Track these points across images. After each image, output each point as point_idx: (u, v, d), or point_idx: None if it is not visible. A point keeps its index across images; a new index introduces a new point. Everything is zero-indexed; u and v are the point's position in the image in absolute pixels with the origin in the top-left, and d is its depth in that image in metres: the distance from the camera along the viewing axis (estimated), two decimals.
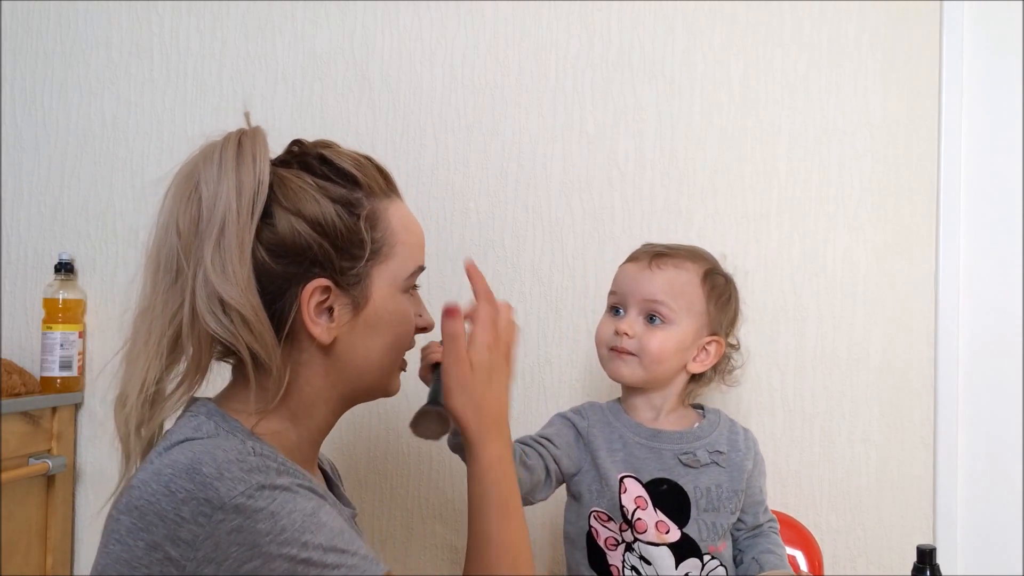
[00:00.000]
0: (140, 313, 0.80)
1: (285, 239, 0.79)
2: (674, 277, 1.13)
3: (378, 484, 1.51)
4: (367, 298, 0.84)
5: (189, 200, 0.78)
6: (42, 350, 1.52)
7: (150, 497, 0.70)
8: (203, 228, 0.76)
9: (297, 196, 0.80)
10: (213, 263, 0.75)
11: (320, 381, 0.84)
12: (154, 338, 0.78)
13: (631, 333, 1.11)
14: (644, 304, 1.12)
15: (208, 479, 0.69)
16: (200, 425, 0.78)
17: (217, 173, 0.78)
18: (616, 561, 1.09)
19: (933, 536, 1.40)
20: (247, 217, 0.76)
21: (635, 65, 1.49)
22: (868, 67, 1.46)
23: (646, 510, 1.08)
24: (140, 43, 1.60)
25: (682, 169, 1.48)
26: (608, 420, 1.16)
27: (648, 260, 1.14)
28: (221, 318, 0.75)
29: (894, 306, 1.44)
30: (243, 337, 0.76)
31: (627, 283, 1.15)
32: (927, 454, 1.42)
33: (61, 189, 1.60)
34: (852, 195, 1.45)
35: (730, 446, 1.15)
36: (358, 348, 0.84)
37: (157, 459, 0.74)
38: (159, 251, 0.79)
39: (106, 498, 0.79)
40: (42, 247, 1.60)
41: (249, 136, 0.80)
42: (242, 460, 0.71)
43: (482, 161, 1.51)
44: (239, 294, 0.75)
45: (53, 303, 1.53)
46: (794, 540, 1.31)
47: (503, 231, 1.50)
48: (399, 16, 1.54)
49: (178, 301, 0.77)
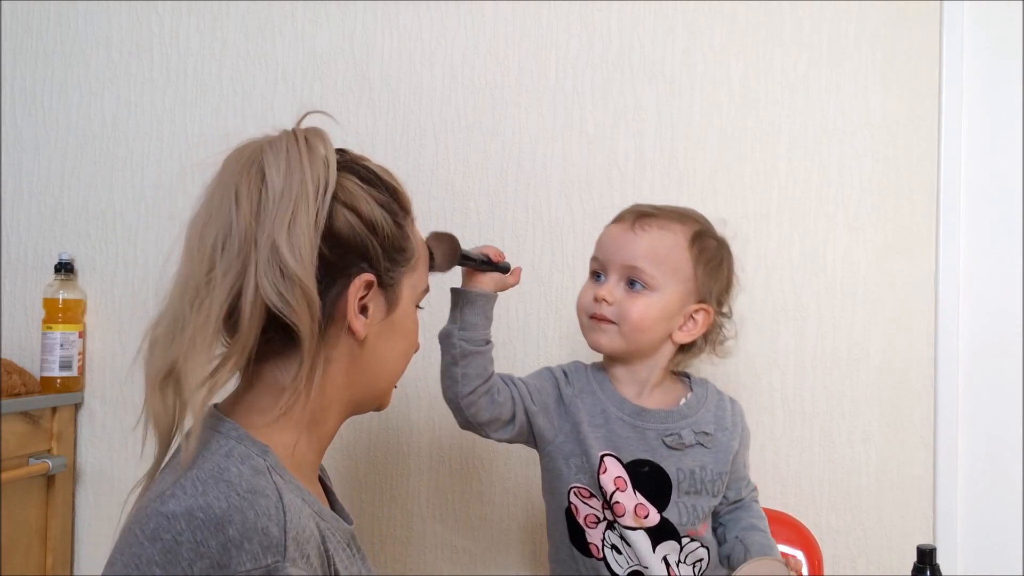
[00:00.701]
0: (187, 287, 0.79)
1: (342, 231, 0.82)
2: (658, 240, 1.07)
3: (378, 484, 1.51)
4: (397, 302, 0.88)
5: (252, 182, 0.80)
6: (42, 350, 1.52)
7: (178, 536, 0.71)
8: (271, 208, 0.79)
9: (353, 195, 0.83)
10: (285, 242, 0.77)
11: (341, 380, 0.86)
12: (214, 313, 0.77)
13: (610, 300, 1.06)
14: (625, 269, 1.06)
15: (229, 543, 0.70)
16: (232, 450, 0.79)
17: (286, 161, 0.81)
18: (596, 539, 1.06)
19: (933, 536, 1.40)
20: (319, 206, 0.80)
21: (635, 65, 1.49)
22: (868, 67, 1.46)
23: (625, 492, 1.05)
24: (140, 43, 1.60)
25: (682, 169, 1.48)
26: (593, 389, 1.10)
27: (631, 221, 1.09)
28: (284, 292, 0.78)
29: (894, 306, 1.44)
30: (304, 314, 0.78)
31: (608, 246, 1.09)
32: (927, 454, 1.42)
33: (61, 189, 1.60)
34: (852, 195, 1.45)
35: (717, 425, 1.10)
36: (380, 350, 0.88)
37: (192, 489, 0.73)
38: (216, 227, 0.80)
39: (106, 498, 0.78)
40: (42, 247, 1.60)
41: (316, 134, 0.84)
42: (267, 533, 0.72)
43: (482, 161, 1.51)
44: (305, 271, 0.78)
45: (53, 303, 1.53)
46: (794, 540, 1.31)
47: (503, 231, 1.50)
48: (399, 16, 1.54)
49: (237, 275, 0.78)
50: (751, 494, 1.16)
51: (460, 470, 1.50)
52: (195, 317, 0.78)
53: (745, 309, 1.42)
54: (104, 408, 1.56)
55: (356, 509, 1.51)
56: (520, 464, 1.48)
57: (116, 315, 1.57)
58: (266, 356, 0.83)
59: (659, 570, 1.05)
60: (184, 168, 1.58)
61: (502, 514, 1.48)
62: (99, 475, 1.56)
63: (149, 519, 0.73)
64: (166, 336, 0.79)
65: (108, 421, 1.56)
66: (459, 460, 1.50)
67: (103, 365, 1.57)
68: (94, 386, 1.57)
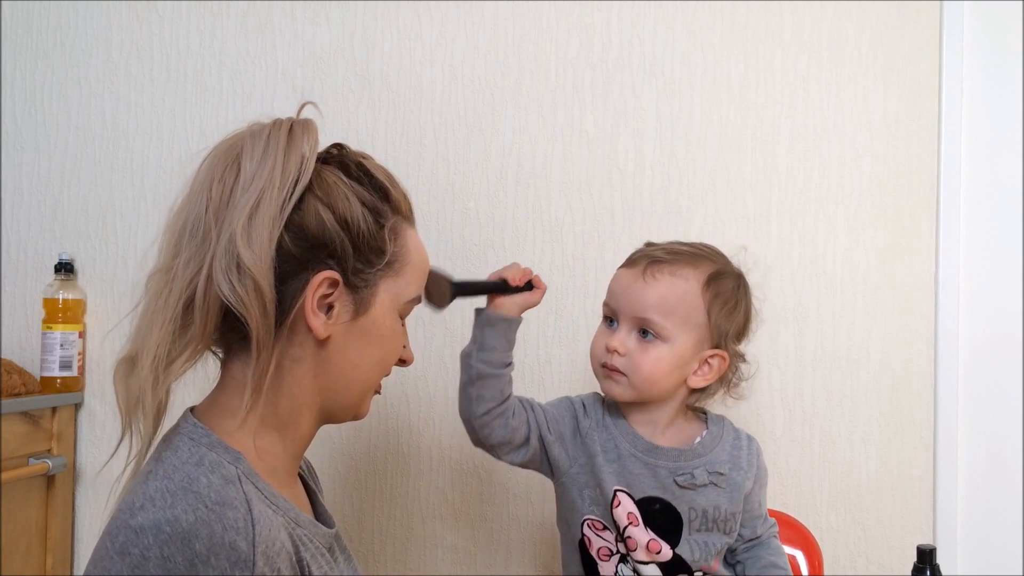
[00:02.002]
0: (156, 274, 0.80)
1: (309, 225, 0.80)
2: (669, 289, 1.04)
3: (378, 484, 1.51)
4: (368, 306, 0.85)
5: (227, 170, 0.80)
6: (42, 350, 1.52)
7: (145, 551, 0.70)
8: (238, 198, 0.78)
9: (331, 190, 0.82)
10: (242, 231, 0.76)
11: (308, 383, 0.84)
12: (172, 300, 0.78)
13: (622, 351, 1.04)
14: (636, 320, 1.04)
15: (196, 558, 0.69)
16: (203, 458, 0.78)
17: (263, 150, 0.79)
18: (609, 572, 1.05)
19: (933, 536, 1.40)
20: (285, 197, 0.78)
21: (635, 65, 1.49)
22: (868, 67, 1.46)
23: (637, 527, 1.03)
24: (140, 43, 1.60)
25: (682, 169, 1.48)
26: (607, 424, 1.09)
27: (643, 268, 1.05)
28: (235, 284, 0.76)
29: (894, 306, 1.44)
30: (253, 307, 0.77)
31: (619, 294, 1.06)
32: (927, 454, 1.42)
33: (61, 189, 1.60)
34: (852, 195, 1.45)
35: (732, 464, 1.07)
36: (349, 354, 0.85)
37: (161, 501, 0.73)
38: (187, 215, 0.80)
39: (106, 498, 0.78)
40: (42, 247, 1.60)
41: (301, 125, 0.83)
42: (234, 547, 0.70)
43: (482, 161, 1.51)
44: (258, 263, 0.76)
45: (53, 303, 1.53)
46: (794, 540, 1.31)
47: (503, 231, 1.50)
48: (399, 16, 1.54)
49: (198, 264, 0.78)
50: (770, 530, 1.13)
51: (460, 470, 1.50)
52: (157, 306, 0.78)
53: None
54: (104, 408, 1.56)
55: (356, 509, 1.51)
56: None
57: (116, 315, 1.57)
58: (234, 352, 0.82)
59: None
60: (184, 168, 1.57)
61: (502, 514, 1.48)
62: (99, 475, 1.55)
63: (119, 532, 0.72)
64: (137, 325, 0.80)
65: (108, 421, 1.56)
66: (459, 460, 1.50)
67: (103, 365, 1.57)
68: (94, 386, 1.57)
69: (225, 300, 0.76)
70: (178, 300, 0.77)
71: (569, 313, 1.48)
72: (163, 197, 1.58)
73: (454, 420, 1.48)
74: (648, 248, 1.11)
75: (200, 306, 0.77)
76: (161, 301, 0.78)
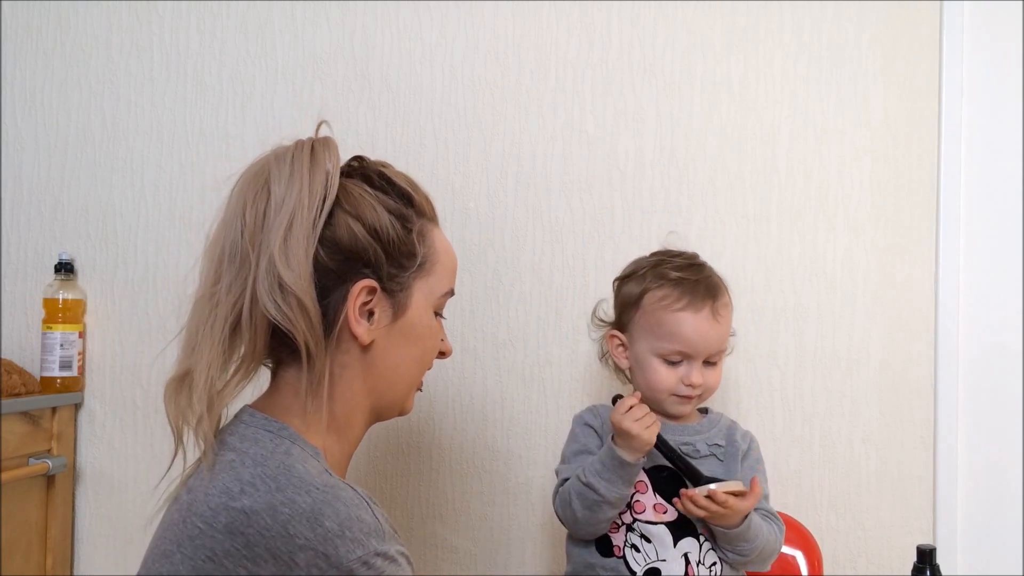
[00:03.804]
0: (200, 300, 0.84)
1: (342, 239, 0.84)
2: (728, 322, 1.17)
3: (378, 484, 1.51)
4: (406, 307, 0.89)
5: (258, 195, 0.83)
6: (42, 350, 1.52)
7: (264, 531, 0.72)
8: (271, 221, 0.81)
9: (358, 203, 0.86)
10: (279, 252, 0.80)
11: (359, 386, 0.89)
12: (219, 324, 0.81)
13: (702, 384, 1.14)
14: (713, 355, 1.15)
15: (330, 534, 0.72)
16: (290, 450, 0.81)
17: (289, 173, 0.83)
18: (619, 541, 1.13)
19: (933, 536, 1.40)
20: (316, 215, 0.82)
21: (635, 65, 1.49)
22: (868, 67, 1.46)
23: (645, 494, 1.12)
24: (140, 43, 1.60)
25: (682, 169, 1.48)
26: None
27: (710, 310, 1.13)
28: (280, 303, 0.80)
29: (894, 306, 1.44)
30: (299, 323, 0.81)
31: (696, 341, 1.13)
32: (927, 454, 1.42)
33: (61, 189, 1.60)
34: (852, 195, 1.45)
35: (728, 441, 1.18)
36: (392, 355, 0.89)
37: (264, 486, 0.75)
38: (224, 241, 0.84)
39: (106, 498, 0.79)
40: (42, 247, 1.60)
41: (323, 144, 0.87)
42: (361, 520, 0.74)
43: (482, 161, 1.51)
44: (299, 281, 0.80)
45: (53, 303, 1.53)
46: (794, 540, 1.31)
47: (503, 231, 1.50)
48: (399, 16, 1.54)
49: (240, 287, 0.82)
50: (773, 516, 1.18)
51: (460, 470, 1.50)
52: (205, 329, 0.82)
53: (745, 309, 1.42)
54: (104, 408, 1.56)
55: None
56: (520, 465, 1.48)
57: (116, 315, 1.57)
58: (287, 362, 0.87)
59: (678, 565, 1.10)
60: (184, 168, 1.58)
61: (502, 514, 1.48)
62: (99, 475, 1.56)
63: (217, 513, 0.74)
64: (184, 347, 0.83)
65: (108, 421, 1.56)
66: (459, 460, 1.50)
67: (103, 365, 1.57)
68: (94, 386, 1.57)
69: (272, 319, 0.81)
70: (224, 323, 0.81)
71: (569, 313, 1.48)
72: (163, 197, 1.58)
73: (454, 420, 1.49)
74: (692, 274, 1.17)
75: (247, 327, 0.81)
76: (207, 327, 0.82)
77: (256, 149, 1.62)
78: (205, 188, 1.56)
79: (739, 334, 1.40)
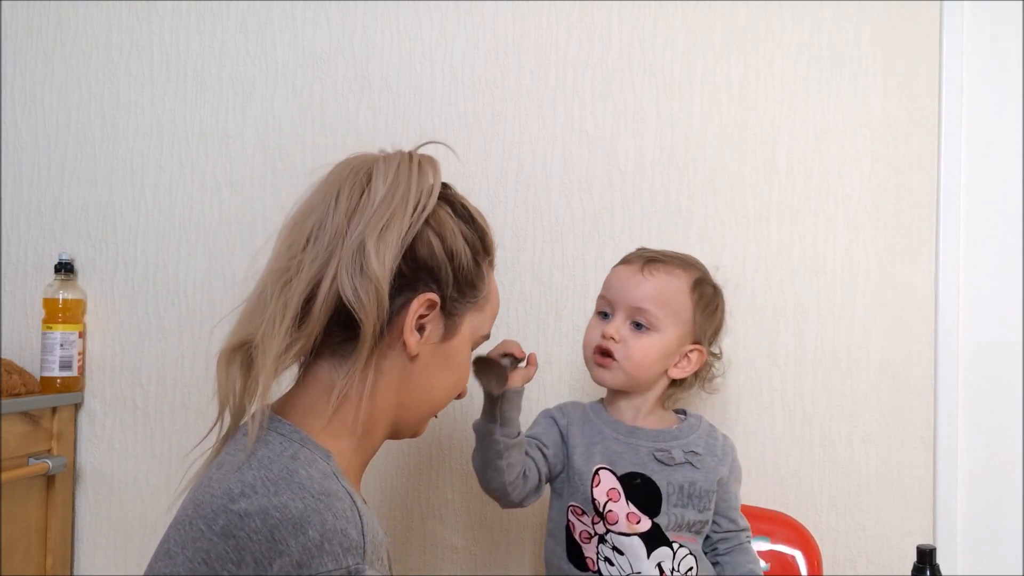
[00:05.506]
0: (275, 271, 0.85)
1: (420, 250, 0.87)
2: (664, 284, 1.14)
3: (378, 484, 1.51)
4: (455, 332, 0.92)
5: (355, 184, 0.86)
6: (42, 350, 1.52)
7: (253, 534, 0.73)
8: (369, 210, 0.84)
9: (443, 223, 0.89)
10: (373, 242, 0.82)
11: (391, 395, 0.90)
12: (295, 296, 0.82)
13: (617, 337, 1.13)
14: (632, 310, 1.14)
15: (310, 544, 0.72)
16: (297, 453, 0.81)
17: (394, 175, 0.86)
18: (591, 553, 1.12)
19: (933, 536, 1.40)
20: (412, 221, 0.85)
21: (635, 65, 1.49)
22: (868, 67, 1.46)
23: (618, 502, 1.11)
24: (140, 43, 1.60)
25: (682, 169, 1.48)
26: (589, 418, 1.18)
27: (640, 265, 1.16)
28: (358, 287, 0.82)
29: (894, 306, 1.44)
30: (371, 310, 0.82)
31: (617, 288, 1.16)
32: (927, 454, 1.42)
33: (61, 189, 1.60)
34: (852, 195, 1.45)
35: (707, 450, 1.17)
36: (430, 374, 0.91)
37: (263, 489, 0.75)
38: (314, 217, 0.86)
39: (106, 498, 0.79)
40: (42, 247, 1.60)
41: (429, 161, 0.90)
42: (345, 534, 0.74)
43: (482, 161, 1.51)
44: (383, 271, 0.82)
45: (53, 303, 1.53)
46: (794, 540, 1.31)
47: (503, 231, 1.50)
48: (399, 16, 1.54)
49: (323, 262, 0.83)
50: (747, 535, 1.20)
51: (460, 470, 1.50)
52: (278, 298, 0.83)
53: (745, 309, 1.43)
54: (104, 408, 1.56)
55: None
56: None
57: (116, 315, 1.57)
58: (323, 354, 0.87)
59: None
60: (184, 168, 1.58)
61: (502, 514, 1.48)
62: (99, 475, 1.56)
63: (217, 515, 0.75)
64: (249, 312, 0.85)
65: (108, 421, 1.56)
66: (459, 460, 1.50)
67: (103, 365, 1.57)
68: (94, 386, 1.57)
69: (346, 300, 0.82)
70: (300, 296, 0.83)
71: (569, 313, 1.48)
72: (163, 197, 1.58)
73: (453, 420, 1.49)
74: (643, 250, 1.22)
75: (320, 303, 0.83)
76: (283, 299, 0.83)
77: (256, 149, 1.63)
78: (205, 188, 1.57)
79: (739, 334, 1.41)
